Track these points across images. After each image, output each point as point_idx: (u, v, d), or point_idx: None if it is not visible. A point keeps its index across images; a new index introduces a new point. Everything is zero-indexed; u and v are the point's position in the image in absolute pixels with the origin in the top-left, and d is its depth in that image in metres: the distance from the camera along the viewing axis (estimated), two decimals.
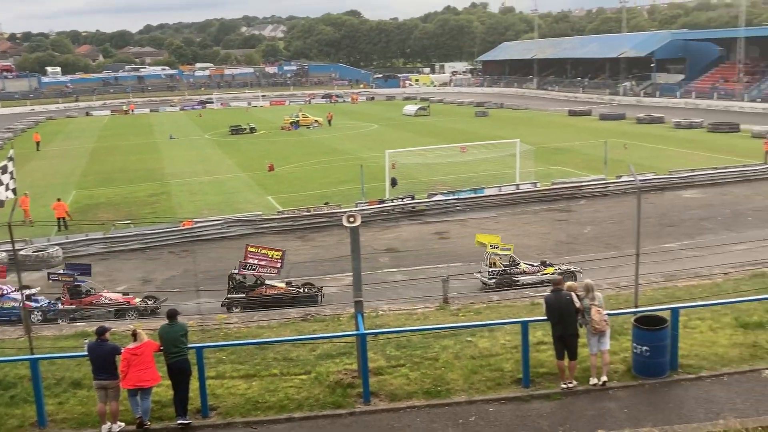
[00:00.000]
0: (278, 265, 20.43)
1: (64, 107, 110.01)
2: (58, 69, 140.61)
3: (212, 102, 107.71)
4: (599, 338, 11.69)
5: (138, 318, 19.83)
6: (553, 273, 20.67)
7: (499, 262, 21.55)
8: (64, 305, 20.61)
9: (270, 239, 28.88)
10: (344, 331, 15.31)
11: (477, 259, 24.35)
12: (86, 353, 11.37)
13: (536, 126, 65.41)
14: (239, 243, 28.35)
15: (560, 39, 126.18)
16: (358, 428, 11.06)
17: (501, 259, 21.59)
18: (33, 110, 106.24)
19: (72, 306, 20.56)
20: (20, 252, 23.61)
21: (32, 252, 25.70)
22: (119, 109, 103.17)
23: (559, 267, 21.45)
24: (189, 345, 11.46)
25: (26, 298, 20.62)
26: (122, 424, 11.14)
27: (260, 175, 43.45)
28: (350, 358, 13.15)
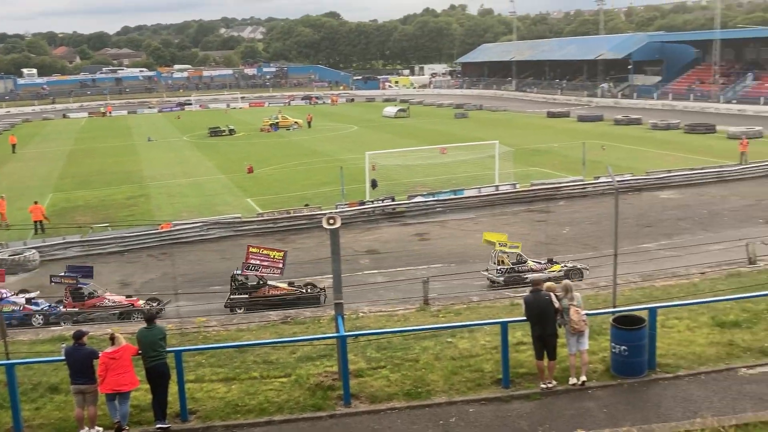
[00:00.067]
0: (280, 266, 20.26)
1: (41, 109, 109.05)
2: (35, 71, 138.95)
3: (191, 104, 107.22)
4: (578, 338, 11.76)
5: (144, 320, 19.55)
6: (560, 270, 21.04)
7: (507, 260, 21.71)
8: (67, 308, 20.39)
9: (250, 241, 28.74)
10: (324, 333, 15.29)
11: (457, 261, 24.49)
12: (63, 358, 11.25)
13: (515, 127, 65.72)
14: (218, 246, 28.35)
15: (538, 41, 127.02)
16: (339, 431, 11.03)
17: (509, 257, 21.74)
18: (9, 112, 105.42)
19: (75, 309, 20.35)
20: None
21: (8, 256, 25.38)
22: (97, 111, 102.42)
23: (566, 264, 21.79)
24: (168, 348, 11.39)
25: (26, 302, 20.46)
26: (100, 429, 11.02)
27: (240, 177, 43.27)
28: (330, 361, 13.13)
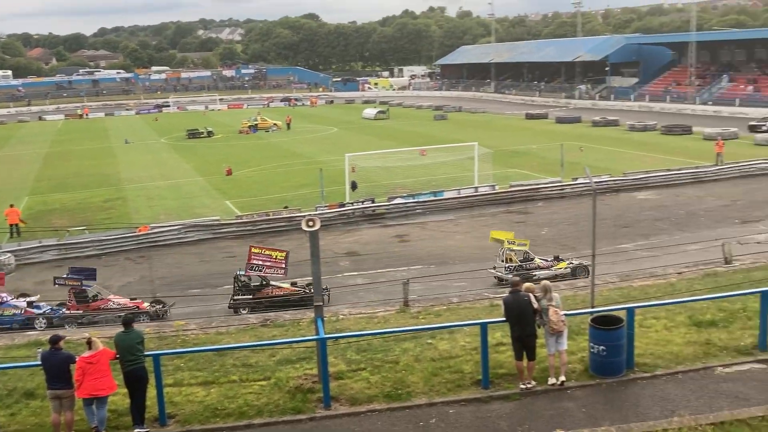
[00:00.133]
0: (283, 266, 20.06)
1: (16, 111, 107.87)
2: (9, 72, 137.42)
3: (169, 106, 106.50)
4: (557, 338, 11.81)
5: (150, 322, 19.33)
6: (567, 267, 21.34)
7: (515, 258, 21.81)
8: (70, 310, 20.19)
9: (228, 244, 28.69)
10: (304, 336, 15.23)
11: (437, 262, 24.57)
12: (39, 362, 11.11)
13: (494, 129, 66.00)
14: (197, 248, 28.21)
15: (517, 43, 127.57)
16: None
17: (516, 255, 21.85)
18: None
19: (79, 311, 20.15)
20: None
21: None
22: (73, 114, 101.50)
23: (571, 261, 22.06)
24: (146, 352, 11.29)
25: (27, 305, 20.21)
26: None
27: (218, 180, 43.06)
28: (310, 363, 13.07)
